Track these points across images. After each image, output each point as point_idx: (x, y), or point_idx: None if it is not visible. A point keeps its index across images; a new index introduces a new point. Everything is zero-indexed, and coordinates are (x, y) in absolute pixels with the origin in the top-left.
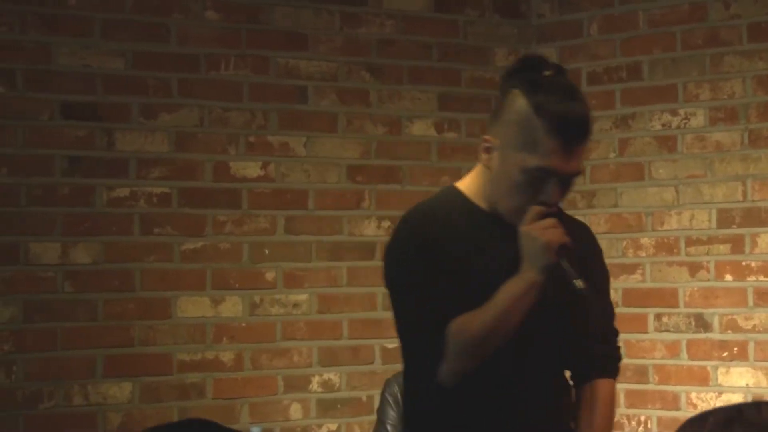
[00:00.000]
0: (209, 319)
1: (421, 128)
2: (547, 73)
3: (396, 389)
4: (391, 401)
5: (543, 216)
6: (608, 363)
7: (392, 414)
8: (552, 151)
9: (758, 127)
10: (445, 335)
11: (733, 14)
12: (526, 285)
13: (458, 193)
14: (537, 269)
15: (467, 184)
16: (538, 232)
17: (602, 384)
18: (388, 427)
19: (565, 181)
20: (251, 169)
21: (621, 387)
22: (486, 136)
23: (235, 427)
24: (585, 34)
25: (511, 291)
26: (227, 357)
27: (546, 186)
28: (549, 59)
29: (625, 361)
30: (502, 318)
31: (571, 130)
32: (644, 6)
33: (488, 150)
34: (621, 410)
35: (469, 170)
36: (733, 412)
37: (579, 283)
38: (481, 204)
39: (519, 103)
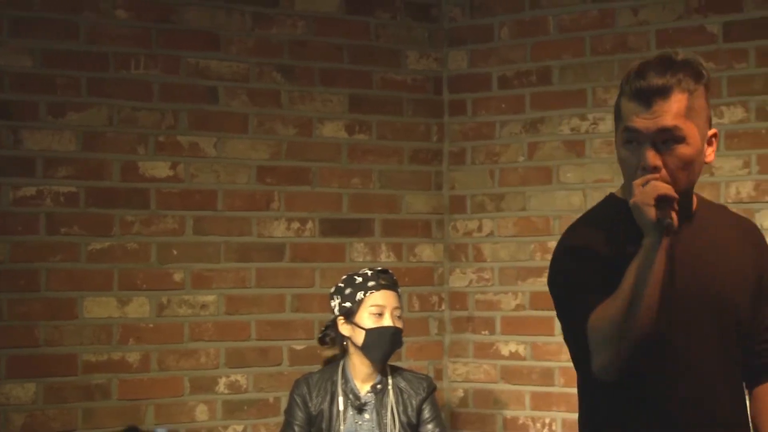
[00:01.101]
0: (116, 319)
1: (331, 130)
2: None
3: (304, 390)
4: (299, 402)
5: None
6: None
7: (300, 415)
8: (631, 112)
9: None
10: (587, 330)
11: (641, 20)
12: (644, 251)
13: (614, 198)
14: (647, 231)
15: (620, 190)
16: (635, 197)
17: None
18: (296, 428)
19: (658, 142)
20: (160, 169)
21: (527, 389)
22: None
23: (140, 428)
24: (496, 38)
25: (634, 264)
26: (133, 358)
27: (640, 153)
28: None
29: (531, 363)
30: (633, 292)
31: (642, 86)
32: (554, 11)
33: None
34: (526, 412)
35: (381, 172)
36: None
37: (670, 227)
38: None
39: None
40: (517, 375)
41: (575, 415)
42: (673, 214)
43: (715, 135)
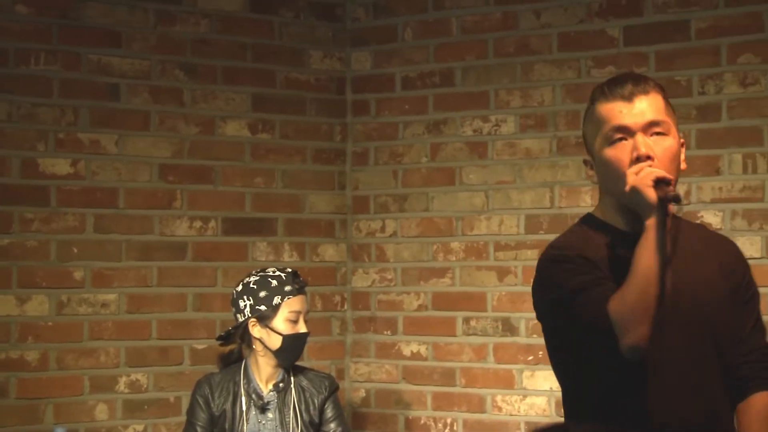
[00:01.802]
0: (14, 317)
1: (234, 128)
2: None
3: (206, 390)
4: (201, 402)
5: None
6: (765, 374)
7: (202, 416)
8: (615, 111)
9: (566, 134)
10: (608, 316)
11: (543, 23)
12: (650, 230)
13: (593, 218)
14: (649, 212)
15: (598, 209)
16: (632, 182)
17: (761, 398)
18: (198, 428)
19: (646, 136)
20: (61, 166)
21: (428, 389)
22: (584, 158)
23: (39, 428)
24: (399, 39)
25: (641, 248)
26: (32, 356)
27: (631, 147)
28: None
29: (432, 363)
30: (644, 271)
31: (619, 85)
32: (457, 12)
33: (589, 165)
34: (428, 412)
35: (284, 172)
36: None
37: (677, 198)
38: (615, 223)
39: (588, 110)
40: (418, 375)
41: (477, 416)
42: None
43: (683, 144)
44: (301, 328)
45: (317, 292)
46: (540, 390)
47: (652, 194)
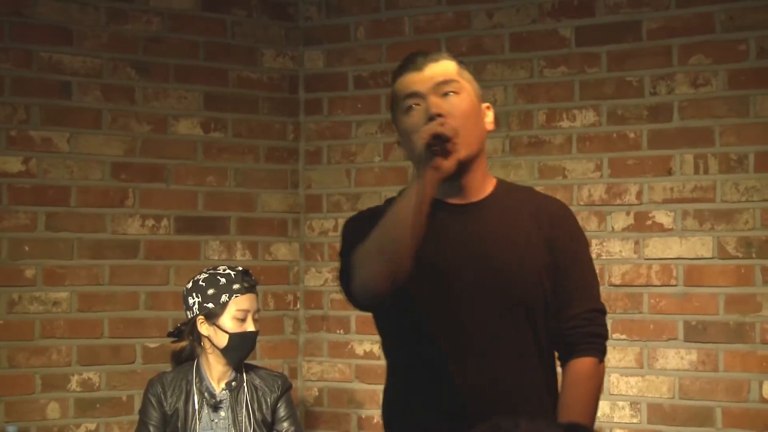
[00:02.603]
0: None
1: (186, 127)
2: None
3: (159, 390)
4: (153, 401)
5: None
6: (587, 341)
7: (155, 415)
8: (407, 81)
9: (519, 134)
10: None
11: (495, 23)
12: (411, 183)
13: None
14: (419, 165)
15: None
16: (416, 139)
17: (580, 363)
18: (151, 428)
19: (438, 96)
20: (12, 164)
21: (381, 388)
22: (397, 140)
23: None
24: (352, 38)
25: (400, 195)
26: None
27: (424, 108)
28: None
29: (385, 363)
30: (390, 216)
31: (413, 57)
32: (410, 12)
33: (398, 143)
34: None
35: (236, 171)
36: (492, 428)
37: (434, 148)
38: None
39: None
40: (371, 374)
41: None
42: (449, 159)
43: (489, 107)
44: (249, 326)
45: (270, 291)
46: None
47: (421, 146)
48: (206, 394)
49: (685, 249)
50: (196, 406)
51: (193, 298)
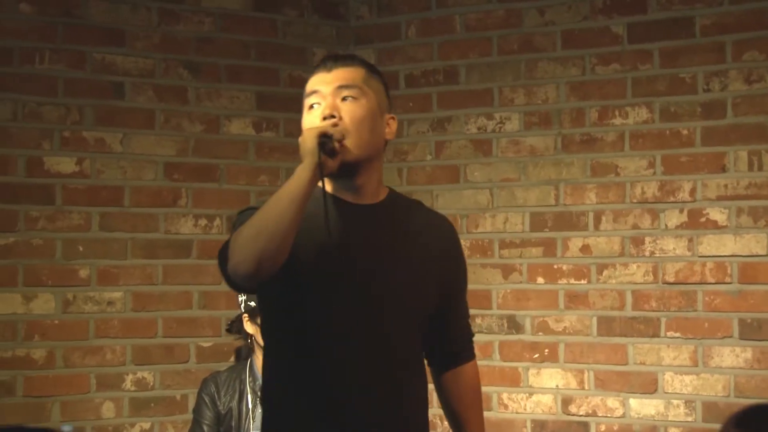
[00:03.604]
0: (20, 316)
1: (238, 127)
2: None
3: (213, 389)
4: (207, 401)
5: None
6: (470, 347)
7: (209, 414)
8: (313, 80)
9: (571, 132)
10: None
11: (547, 21)
12: (296, 174)
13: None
14: (305, 158)
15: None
16: (305, 133)
17: (470, 368)
18: (204, 427)
19: (336, 100)
20: (66, 164)
21: (433, 387)
22: None
23: (46, 425)
24: (403, 37)
25: (287, 183)
26: (38, 354)
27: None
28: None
29: None
30: (270, 203)
31: (327, 58)
32: (460, 10)
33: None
34: (433, 410)
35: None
36: None
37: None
38: (329, 188)
39: None
40: None
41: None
42: (334, 159)
43: (393, 118)
44: None
45: None
46: (546, 388)
47: (310, 144)
48: (260, 393)
49: (739, 246)
50: (250, 405)
51: (240, 296)
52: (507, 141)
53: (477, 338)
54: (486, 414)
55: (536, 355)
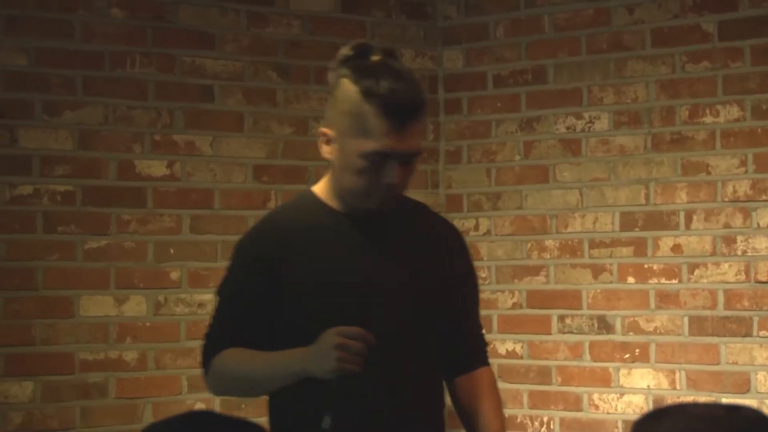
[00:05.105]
0: (112, 318)
1: None
2: (374, 58)
3: None
4: None
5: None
6: (483, 354)
7: None
8: (385, 133)
9: (661, 131)
10: (214, 357)
11: (636, 19)
12: (295, 369)
13: (312, 196)
14: (308, 366)
15: (321, 186)
16: (337, 344)
17: (486, 372)
18: None
19: (404, 162)
20: (156, 167)
21: (524, 388)
22: (322, 129)
23: (137, 427)
24: (491, 37)
25: (282, 362)
26: (130, 356)
27: (386, 169)
28: (377, 45)
29: (528, 362)
30: (263, 372)
31: (400, 110)
32: (549, 10)
33: (328, 142)
34: (524, 411)
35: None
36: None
37: (326, 423)
38: (333, 204)
39: (349, 90)
40: (514, 374)
41: (573, 414)
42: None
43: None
44: None
45: None
46: (637, 388)
47: (327, 374)
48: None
49: None
50: None
51: None
52: (596, 140)
53: (567, 338)
54: (576, 414)
55: (627, 356)
